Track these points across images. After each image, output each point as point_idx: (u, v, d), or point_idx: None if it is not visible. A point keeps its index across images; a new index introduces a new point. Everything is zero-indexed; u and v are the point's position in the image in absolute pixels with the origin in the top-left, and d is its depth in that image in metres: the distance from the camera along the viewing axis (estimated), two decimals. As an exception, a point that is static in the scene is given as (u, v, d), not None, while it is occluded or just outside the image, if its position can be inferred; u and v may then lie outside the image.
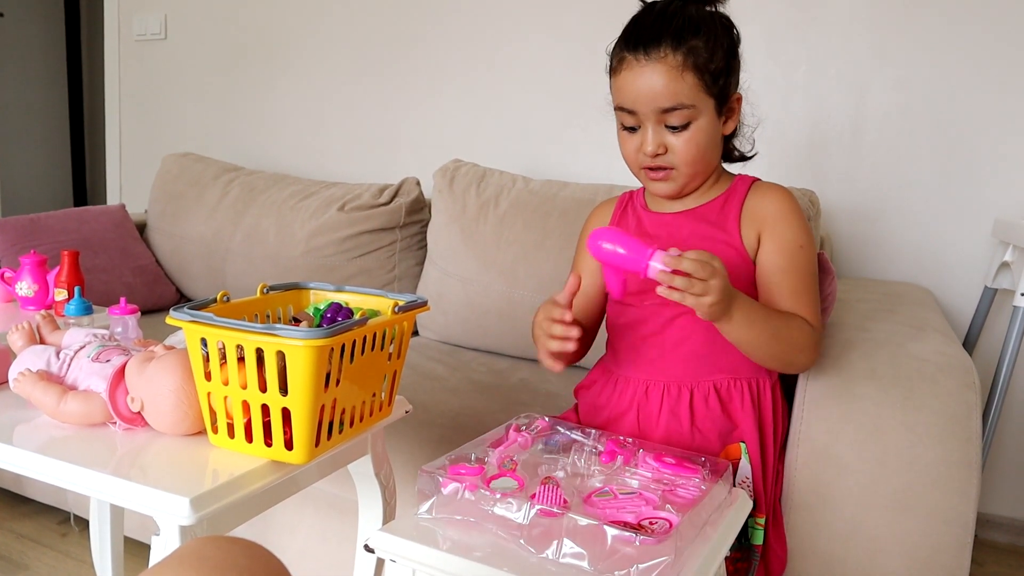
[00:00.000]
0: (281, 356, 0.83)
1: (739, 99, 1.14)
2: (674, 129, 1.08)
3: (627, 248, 0.94)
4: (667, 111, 1.06)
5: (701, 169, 1.12)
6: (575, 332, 1.03)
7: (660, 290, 0.92)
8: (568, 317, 1.04)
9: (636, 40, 1.07)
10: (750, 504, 0.98)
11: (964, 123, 1.84)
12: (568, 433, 1.03)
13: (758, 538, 1.08)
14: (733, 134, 1.18)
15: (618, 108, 1.11)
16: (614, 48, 1.12)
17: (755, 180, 1.18)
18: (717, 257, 0.94)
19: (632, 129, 1.11)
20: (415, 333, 2.08)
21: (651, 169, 1.12)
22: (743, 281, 1.11)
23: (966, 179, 1.85)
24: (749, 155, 1.22)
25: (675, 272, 0.91)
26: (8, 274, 1.54)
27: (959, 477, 1.06)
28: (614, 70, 1.11)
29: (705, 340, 1.11)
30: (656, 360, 1.15)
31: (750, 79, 1.78)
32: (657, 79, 1.05)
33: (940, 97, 1.85)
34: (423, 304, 1.00)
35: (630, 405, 1.16)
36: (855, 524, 1.09)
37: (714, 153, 1.14)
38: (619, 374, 1.19)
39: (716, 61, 1.07)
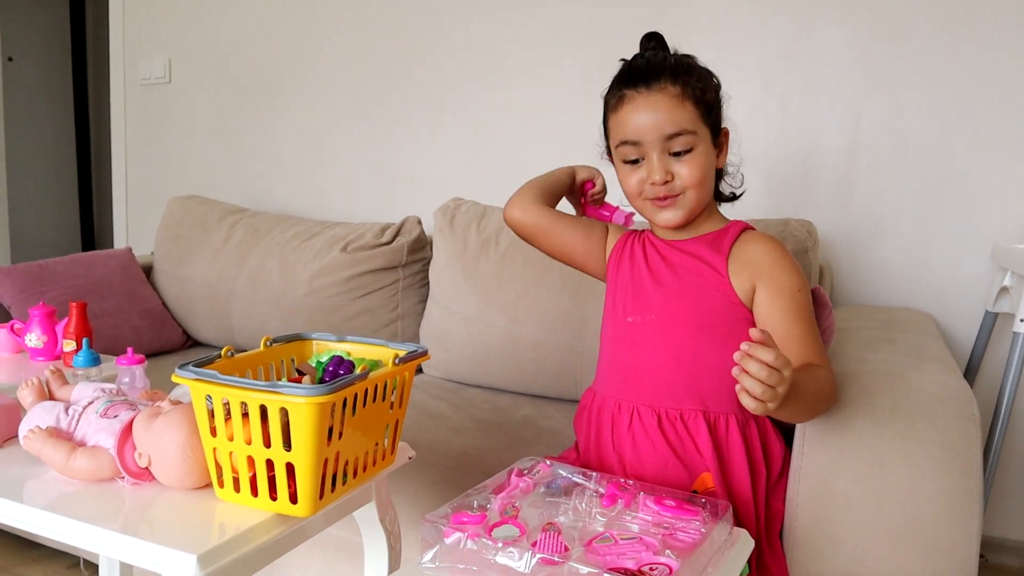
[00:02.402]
0: (285, 412, 0.84)
1: (727, 133, 1.20)
2: (678, 155, 1.13)
3: None
4: (671, 137, 1.12)
5: (704, 195, 1.17)
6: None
7: (734, 371, 0.92)
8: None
9: (635, 78, 1.14)
10: (751, 544, 0.98)
11: (958, 148, 1.85)
12: (569, 476, 1.04)
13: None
14: (721, 173, 1.23)
15: (621, 143, 1.16)
16: (610, 90, 1.18)
17: (747, 227, 1.22)
18: (790, 366, 0.92)
19: (634, 162, 1.15)
20: (419, 372, 2.09)
21: (659, 198, 1.15)
22: (727, 320, 1.14)
23: (963, 204, 1.86)
24: (739, 193, 1.25)
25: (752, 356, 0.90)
26: (18, 326, 1.56)
27: (960, 510, 1.06)
28: (613, 108, 1.17)
29: (674, 367, 1.16)
30: (628, 380, 1.20)
31: (745, 109, 1.82)
32: (661, 107, 1.11)
33: (933, 123, 1.87)
34: (423, 354, 1.02)
35: (607, 424, 1.20)
36: (858, 559, 1.09)
37: (711, 183, 1.18)
38: (598, 391, 1.25)
39: (708, 94, 1.14)
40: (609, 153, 1.24)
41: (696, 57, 1.19)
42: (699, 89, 1.12)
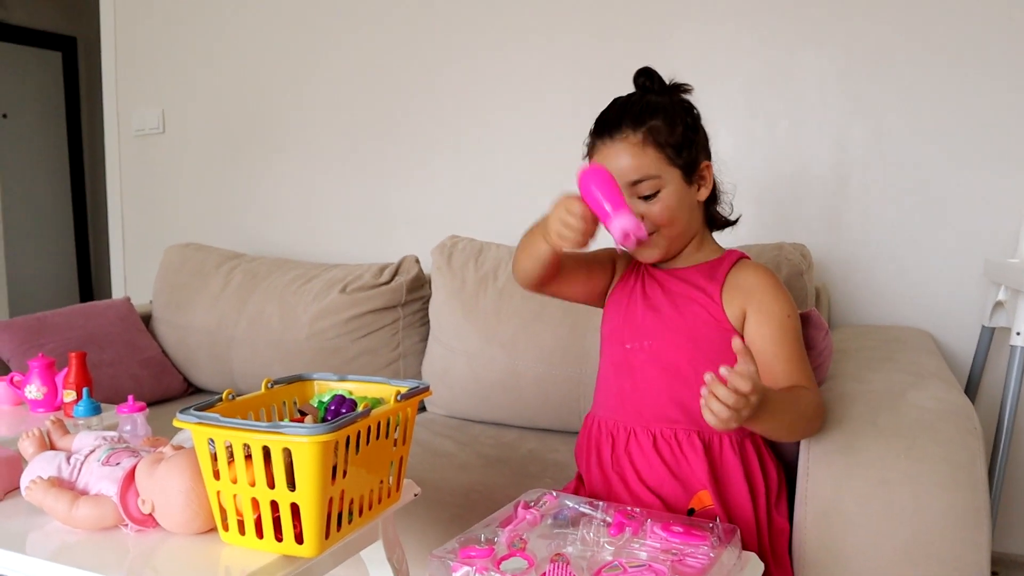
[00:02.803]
0: (288, 452, 0.84)
1: (707, 167, 1.22)
2: (646, 199, 1.17)
3: (605, 194, 1.05)
4: (635, 183, 1.16)
5: (679, 232, 1.21)
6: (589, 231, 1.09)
7: (703, 389, 0.95)
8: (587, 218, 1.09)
9: (602, 128, 1.20)
10: (761, 567, 0.98)
11: (943, 166, 1.87)
12: (576, 507, 1.04)
13: None
14: (713, 201, 1.26)
15: None
16: (588, 138, 1.24)
17: (742, 256, 1.25)
18: (757, 379, 0.95)
19: None
20: (423, 409, 2.09)
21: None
22: (720, 346, 1.16)
23: (953, 221, 1.88)
24: (733, 220, 1.27)
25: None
26: (17, 378, 1.56)
27: (968, 524, 1.06)
28: (588, 156, 1.23)
29: (668, 389, 1.19)
30: (624, 403, 1.23)
31: (732, 136, 1.84)
32: (622, 156, 1.16)
33: (917, 141, 1.89)
34: (425, 390, 1.02)
35: (607, 446, 1.23)
36: (868, 579, 1.08)
37: (690, 217, 1.22)
38: (596, 415, 1.28)
39: (675, 136, 1.17)
40: None
41: (688, 87, 1.23)
42: (664, 132, 1.16)
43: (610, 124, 1.18)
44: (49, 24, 4.45)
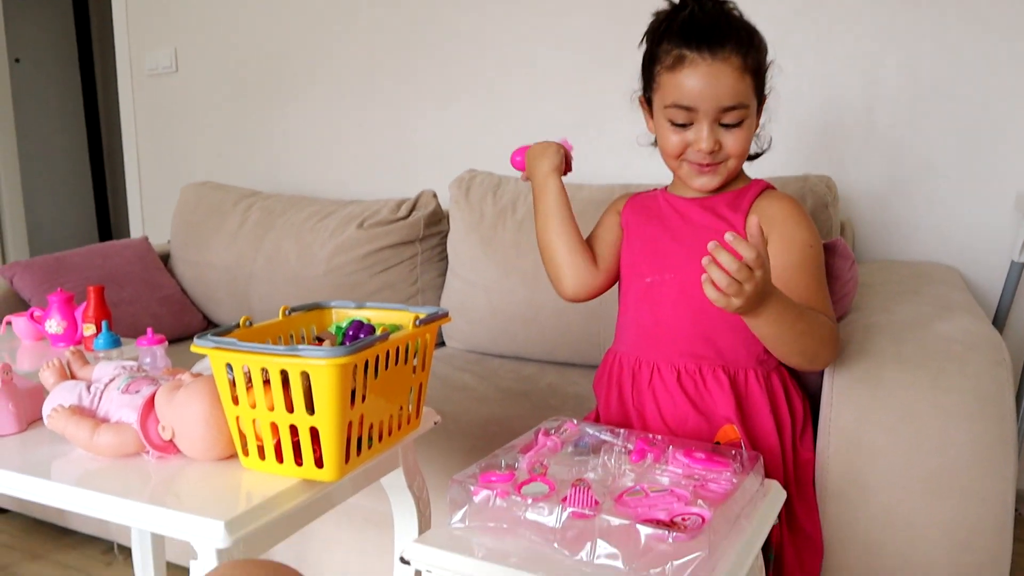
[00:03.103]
0: (306, 376, 0.83)
1: (764, 100, 1.17)
2: (728, 127, 1.11)
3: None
4: (727, 110, 1.09)
5: (742, 163, 1.17)
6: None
7: (704, 260, 0.90)
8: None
9: (699, 39, 1.07)
10: (783, 494, 0.97)
11: (978, 98, 1.81)
12: (597, 434, 1.03)
13: None
14: None
15: (673, 105, 1.11)
16: (665, 39, 1.11)
17: (768, 186, 1.21)
18: (764, 256, 0.91)
19: (681, 125, 1.12)
20: (442, 344, 2.09)
21: (700, 164, 1.14)
22: None
23: (985, 154, 1.83)
24: (764, 150, 1.25)
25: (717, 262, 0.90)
26: (37, 313, 1.57)
27: (994, 456, 1.04)
28: (670, 67, 1.10)
29: (692, 324, 1.16)
30: (647, 338, 1.20)
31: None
32: (723, 79, 1.07)
33: (952, 73, 1.83)
34: (444, 315, 1.01)
35: (628, 382, 1.21)
36: (891, 510, 1.08)
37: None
38: (618, 351, 1.26)
39: (763, 64, 1.12)
40: (647, 101, 1.20)
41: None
42: (757, 60, 1.10)
43: (710, 38, 1.06)
44: (59, -36, 4.39)
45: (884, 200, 1.93)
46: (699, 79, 1.08)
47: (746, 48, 1.08)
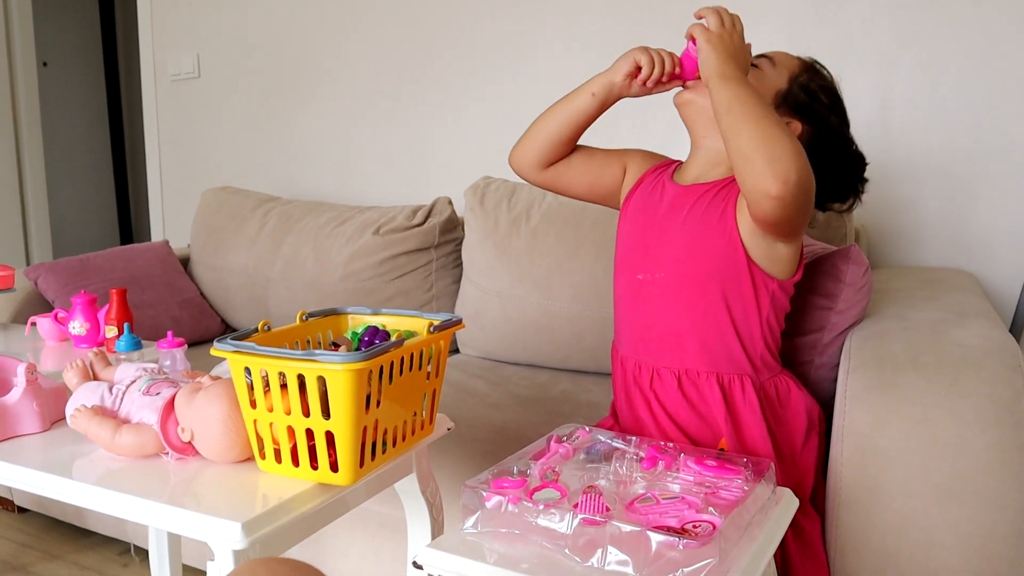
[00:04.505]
0: (322, 381, 0.85)
1: None
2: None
3: None
4: None
5: None
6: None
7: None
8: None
9: None
10: (796, 503, 0.97)
11: (994, 101, 1.80)
12: (609, 441, 1.03)
13: None
14: None
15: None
16: None
17: None
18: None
19: None
20: (456, 351, 2.10)
21: None
22: (730, 266, 1.12)
23: (1001, 159, 1.82)
24: None
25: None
26: (61, 314, 1.59)
27: (1010, 463, 1.04)
28: None
29: (687, 328, 1.15)
30: (645, 341, 1.20)
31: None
32: None
33: (967, 76, 1.82)
34: (458, 322, 1.02)
35: (632, 384, 1.22)
36: (906, 517, 1.07)
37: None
38: (619, 350, 1.26)
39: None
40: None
41: None
42: None
43: None
44: (85, -30, 4.46)
45: (899, 206, 1.93)
46: None
47: None
